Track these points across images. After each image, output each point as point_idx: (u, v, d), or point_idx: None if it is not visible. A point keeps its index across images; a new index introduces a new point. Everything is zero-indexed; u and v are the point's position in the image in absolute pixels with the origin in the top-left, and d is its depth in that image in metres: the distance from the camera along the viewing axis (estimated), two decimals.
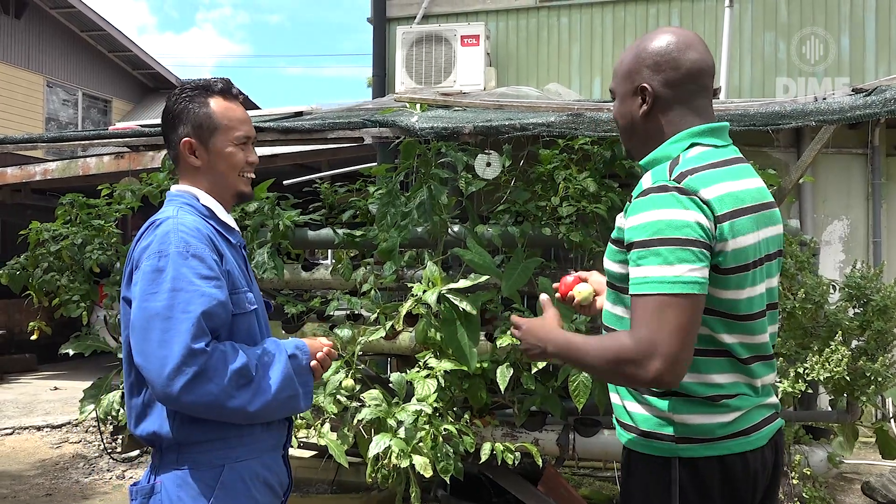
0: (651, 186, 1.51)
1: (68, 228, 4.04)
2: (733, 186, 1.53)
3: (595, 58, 7.19)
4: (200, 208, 1.76)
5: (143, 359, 1.57)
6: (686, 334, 1.43)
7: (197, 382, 1.53)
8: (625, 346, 1.46)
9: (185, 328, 1.54)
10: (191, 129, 1.76)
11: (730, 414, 1.54)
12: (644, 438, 1.60)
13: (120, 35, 15.32)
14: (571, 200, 3.63)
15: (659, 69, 1.60)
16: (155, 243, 1.63)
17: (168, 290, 1.56)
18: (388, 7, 7.44)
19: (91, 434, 6.41)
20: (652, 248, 1.45)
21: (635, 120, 1.65)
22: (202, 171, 1.78)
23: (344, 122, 3.35)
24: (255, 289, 1.85)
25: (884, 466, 5.06)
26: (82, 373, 9.09)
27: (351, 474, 4.20)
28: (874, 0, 6.68)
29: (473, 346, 3.27)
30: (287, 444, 1.86)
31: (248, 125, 1.83)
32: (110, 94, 15.97)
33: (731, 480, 1.54)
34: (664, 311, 1.42)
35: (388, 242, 3.57)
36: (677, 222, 1.45)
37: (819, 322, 3.09)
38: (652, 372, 1.42)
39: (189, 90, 1.79)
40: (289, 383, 1.68)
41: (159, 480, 1.66)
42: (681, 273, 1.43)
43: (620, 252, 1.58)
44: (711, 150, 1.59)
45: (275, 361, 1.68)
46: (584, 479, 5.08)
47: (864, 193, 6.79)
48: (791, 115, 2.75)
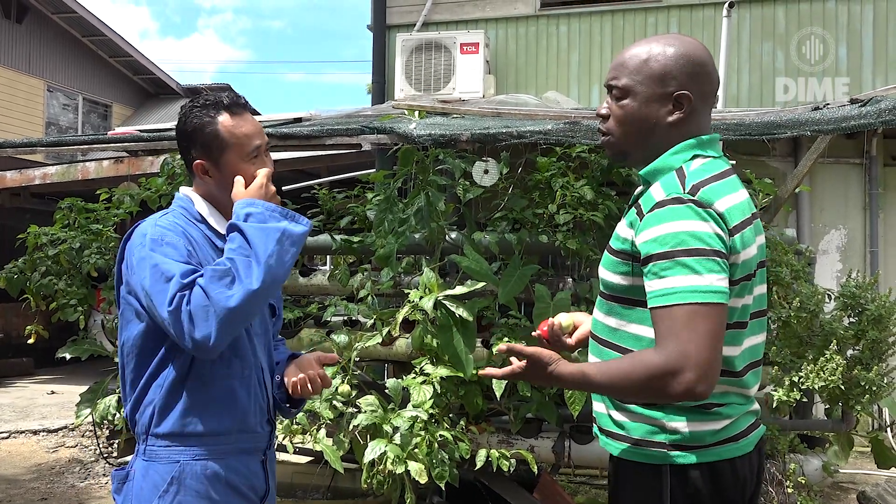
0: (666, 199, 1.49)
1: (66, 232, 4.05)
2: (736, 198, 1.54)
3: (594, 66, 7.22)
4: (194, 213, 1.81)
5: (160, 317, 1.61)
6: (717, 343, 1.43)
7: (194, 312, 1.57)
8: (654, 362, 1.43)
9: (174, 273, 1.61)
10: (201, 150, 1.80)
11: (721, 421, 1.55)
12: (634, 447, 1.59)
13: (121, 40, 15.37)
14: (568, 208, 3.64)
15: (698, 80, 1.57)
16: (136, 238, 1.72)
17: (150, 265, 1.64)
18: (388, 14, 7.47)
19: (87, 438, 6.40)
20: (676, 259, 1.43)
21: (659, 125, 1.59)
22: (215, 186, 1.82)
23: (342, 128, 3.36)
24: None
25: (879, 476, 5.06)
26: (79, 377, 9.07)
27: (347, 480, 4.20)
28: (871, 9, 6.71)
29: (470, 353, 3.27)
30: (268, 450, 1.86)
31: (259, 135, 1.84)
32: (111, 98, 16.01)
33: (721, 486, 1.55)
34: (695, 321, 1.41)
35: (385, 249, 3.58)
36: (699, 233, 1.44)
37: (814, 331, 3.10)
38: (685, 384, 1.40)
39: (197, 110, 1.81)
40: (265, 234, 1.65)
41: (133, 468, 1.73)
42: (710, 282, 1.42)
43: (624, 264, 1.56)
44: (711, 161, 1.58)
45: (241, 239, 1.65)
46: (580, 486, 5.07)
47: (861, 203, 6.80)
48: (787, 125, 2.77)
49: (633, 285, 1.56)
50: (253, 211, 1.70)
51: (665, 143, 1.60)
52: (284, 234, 1.68)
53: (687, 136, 1.59)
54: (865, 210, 6.78)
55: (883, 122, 2.62)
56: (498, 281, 3.47)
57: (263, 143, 1.84)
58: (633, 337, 1.58)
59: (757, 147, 6.18)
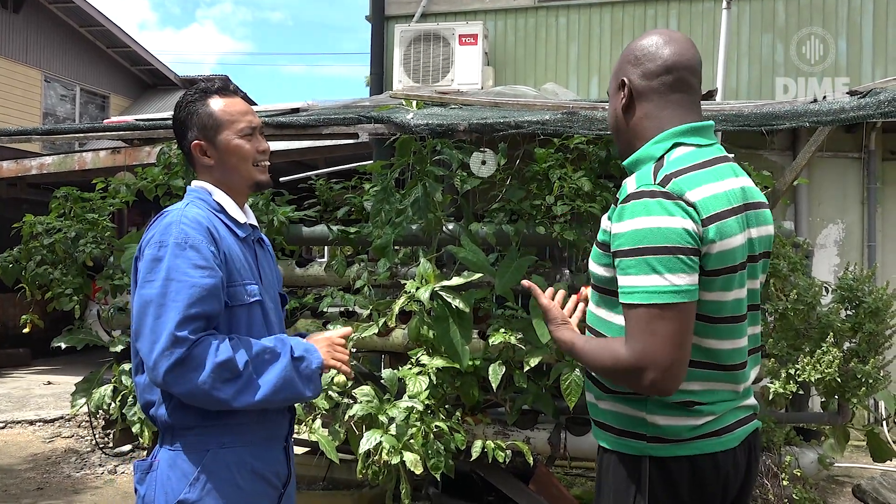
0: (634, 192, 1.49)
1: (62, 222, 4.03)
2: (719, 187, 1.51)
3: (593, 58, 7.20)
4: (212, 203, 1.84)
5: (139, 342, 1.66)
6: (678, 343, 1.44)
7: (180, 369, 1.60)
8: (621, 356, 1.48)
9: (172, 316, 1.62)
10: (198, 132, 1.85)
11: (701, 418, 1.54)
12: (617, 437, 1.61)
13: (119, 31, 15.30)
14: (566, 199, 3.63)
15: (638, 62, 1.62)
16: (157, 234, 1.72)
17: (163, 279, 1.65)
18: (387, 5, 7.44)
19: (83, 429, 6.40)
20: (638, 258, 1.44)
21: (618, 116, 1.67)
22: (216, 168, 1.86)
23: (339, 117, 3.34)
24: (267, 282, 1.91)
25: (874, 470, 5.07)
26: (76, 367, 9.06)
27: (342, 471, 4.20)
28: (871, 2, 6.69)
29: (466, 344, 3.26)
30: (289, 436, 1.90)
31: (251, 115, 1.89)
32: (108, 89, 15.96)
33: (700, 480, 1.55)
34: (655, 323, 1.43)
35: (382, 239, 3.57)
36: (663, 230, 1.43)
37: (811, 323, 3.09)
38: (648, 382, 1.45)
39: (190, 96, 1.88)
40: (286, 385, 1.72)
41: (157, 459, 1.76)
42: (669, 282, 1.42)
43: (606, 255, 1.57)
44: (695, 150, 1.56)
45: (275, 361, 1.72)
46: (576, 479, 5.07)
47: (859, 197, 6.80)
48: (785, 116, 2.75)
49: (614, 277, 1.55)
50: (306, 360, 1.77)
51: (632, 133, 1.64)
52: (296, 395, 1.76)
53: (652, 120, 1.60)
54: (863, 204, 6.78)
55: (882, 113, 2.61)
56: (495, 272, 3.46)
57: (258, 123, 1.92)
58: (618, 328, 1.58)
59: (755, 140, 6.17)
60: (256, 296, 1.80)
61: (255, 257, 1.89)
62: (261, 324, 1.82)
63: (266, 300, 1.85)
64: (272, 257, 2.04)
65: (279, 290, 2.03)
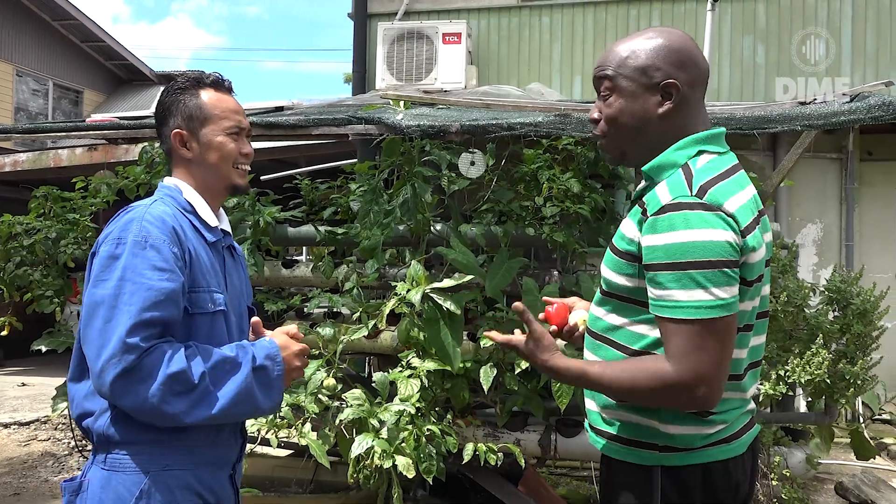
0: (671, 203, 1.44)
1: (42, 222, 3.94)
2: (744, 196, 1.49)
3: (576, 58, 7.21)
4: (182, 202, 1.72)
5: (85, 345, 1.53)
6: (727, 356, 1.43)
7: (127, 379, 1.47)
8: (667, 374, 1.42)
9: (125, 320, 1.48)
10: (181, 121, 1.74)
11: (714, 426, 1.54)
12: (626, 446, 1.58)
13: (93, 25, 15.05)
14: (555, 200, 3.62)
15: (684, 67, 1.52)
16: (116, 230, 1.59)
17: (117, 278, 1.52)
18: (370, 3, 7.40)
19: (60, 431, 6.29)
20: (680, 272, 1.40)
21: (650, 119, 1.54)
22: (194, 163, 1.75)
23: (329, 118, 3.30)
24: (233, 293, 1.77)
25: (855, 466, 5.14)
26: (51, 368, 8.91)
27: (329, 474, 4.16)
28: (850, 6, 6.77)
29: (457, 346, 3.25)
30: (237, 463, 1.77)
31: (241, 116, 1.79)
32: (82, 84, 15.69)
33: (713, 487, 1.54)
34: (703, 338, 1.40)
35: (371, 241, 3.54)
36: (707, 243, 1.39)
37: (800, 325, 3.12)
38: (697, 398, 1.42)
39: (180, 83, 1.77)
40: (245, 399, 1.57)
41: (87, 478, 1.59)
42: (715, 297, 1.40)
43: (630, 265, 1.52)
44: (717, 157, 1.53)
45: (235, 372, 1.57)
46: (560, 478, 5.08)
47: (837, 197, 6.89)
48: (777, 119, 2.77)
49: (639, 287, 1.52)
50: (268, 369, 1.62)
51: (661, 138, 1.55)
52: (254, 409, 1.60)
53: (683, 128, 1.54)
54: (842, 204, 6.87)
55: (873, 117, 2.63)
56: (484, 274, 3.44)
57: (246, 125, 1.80)
58: (634, 336, 1.55)
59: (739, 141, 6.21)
60: (221, 305, 1.67)
61: (223, 265, 1.76)
62: (223, 334, 1.67)
63: (230, 312, 1.71)
64: (244, 269, 1.90)
65: (248, 304, 1.88)
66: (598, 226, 3.71)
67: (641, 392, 1.47)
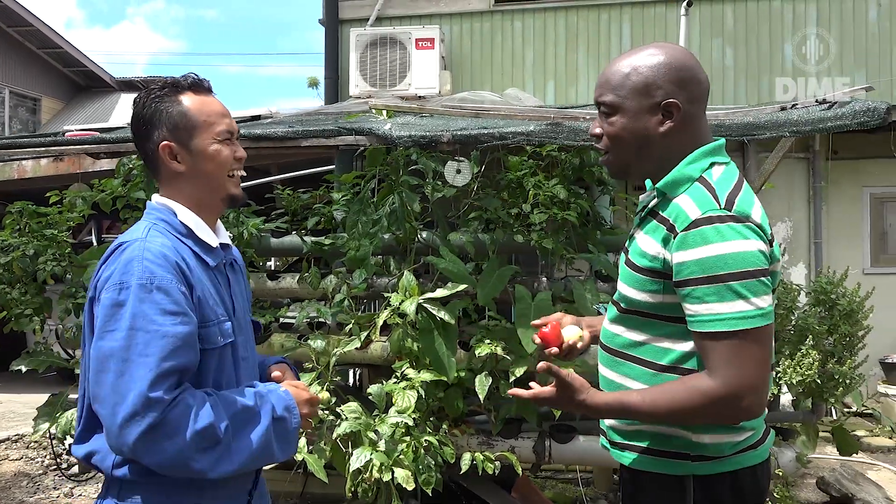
0: (703, 217, 1.46)
1: (18, 238, 3.83)
2: (760, 205, 1.54)
3: (548, 62, 7.26)
4: (177, 225, 1.58)
5: (98, 403, 1.42)
6: (768, 365, 1.45)
7: (152, 436, 1.38)
8: (711, 389, 1.43)
9: (142, 373, 1.38)
10: (167, 132, 1.58)
11: (743, 433, 1.57)
12: (657, 458, 1.59)
13: (50, 31, 14.74)
14: (542, 207, 3.64)
15: (684, 85, 1.54)
16: (116, 273, 1.46)
17: (126, 328, 1.41)
18: (341, 9, 7.35)
19: (33, 450, 6.12)
20: (718, 285, 1.42)
21: (651, 137, 1.56)
22: (186, 177, 1.60)
23: (318, 129, 3.27)
24: (240, 312, 1.70)
25: (831, 460, 5.26)
26: (19, 385, 8.65)
27: (319, 486, 4.12)
28: (815, 12, 6.93)
29: (452, 356, 3.25)
30: (253, 490, 1.68)
31: (229, 118, 1.65)
32: (39, 92, 15.34)
33: (742, 493, 1.57)
34: (747, 348, 1.42)
35: (360, 251, 3.51)
36: (743, 254, 1.42)
37: (788, 326, 3.18)
38: (745, 409, 1.43)
39: (157, 90, 1.61)
40: (264, 450, 1.51)
41: None
42: (757, 306, 1.42)
43: (654, 282, 1.53)
44: (726, 168, 1.57)
45: (256, 424, 1.51)
46: (546, 481, 5.11)
47: (805, 196, 7.05)
48: (766, 126, 2.82)
49: (664, 303, 1.53)
50: (287, 421, 1.56)
51: (664, 154, 1.57)
52: (270, 459, 1.55)
53: (685, 144, 1.56)
54: (810, 203, 7.03)
55: (858, 122, 2.70)
56: (475, 282, 3.44)
57: (235, 129, 1.66)
58: (660, 351, 1.56)
59: None
60: (230, 336, 1.59)
61: (227, 286, 1.66)
62: (230, 367, 1.60)
63: (237, 335, 1.64)
64: (244, 277, 1.80)
65: (251, 317, 1.81)
66: (584, 231, 3.74)
67: (684, 412, 1.47)
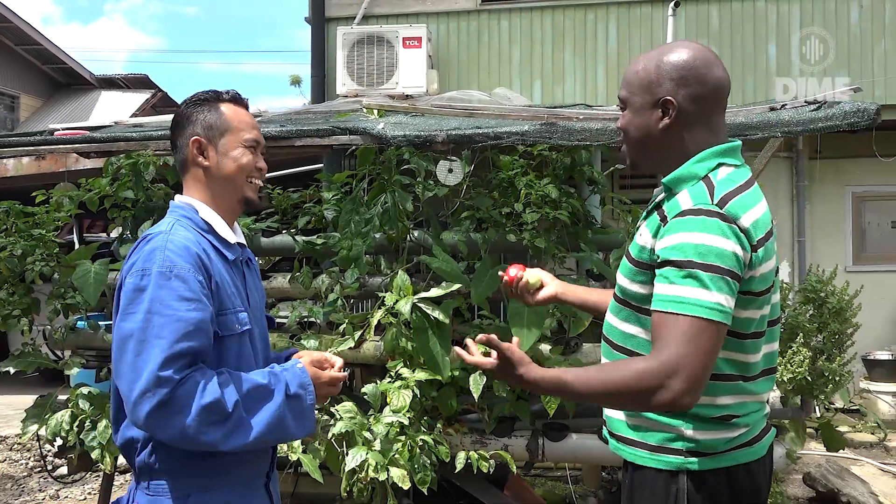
0: (693, 208, 1.51)
1: (5, 238, 3.78)
2: (761, 209, 1.56)
3: (535, 61, 7.28)
4: (199, 222, 1.72)
5: (118, 378, 1.57)
6: (711, 360, 1.46)
7: (162, 411, 1.50)
8: (647, 368, 1.46)
9: (156, 353, 1.51)
10: (200, 129, 1.76)
11: (737, 430, 1.59)
12: (652, 453, 1.62)
13: (28, 27, 14.53)
14: (534, 206, 3.65)
15: (685, 83, 1.58)
16: (140, 261, 1.61)
17: (145, 311, 1.54)
18: (327, 7, 7.32)
19: (17, 452, 6.05)
20: (692, 270, 1.46)
21: (652, 133, 1.62)
22: (209, 174, 1.75)
23: (312, 129, 3.26)
24: (255, 306, 1.81)
25: (815, 455, 5.33)
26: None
27: (310, 486, 4.11)
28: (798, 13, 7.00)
29: (446, 355, 3.25)
30: (271, 471, 1.82)
31: (258, 132, 1.82)
32: (18, 89, 15.13)
33: (737, 491, 1.59)
34: (698, 335, 1.44)
35: (354, 250, 3.51)
36: (719, 250, 1.46)
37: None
38: (673, 392, 1.43)
39: (200, 96, 1.81)
40: (278, 426, 1.60)
41: (135, 502, 1.66)
42: (718, 301, 1.44)
43: (642, 273, 1.58)
44: (735, 170, 1.59)
45: (268, 400, 1.60)
46: (535, 479, 5.13)
47: (789, 195, 7.14)
48: (757, 126, 2.85)
49: (651, 294, 1.55)
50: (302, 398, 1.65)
51: (666, 150, 1.62)
52: (287, 436, 1.65)
53: (692, 141, 1.60)
54: (793, 201, 7.12)
55: (849, 123, 2.74)
56: (469, 281, 3.45)
57: (261, 142, 1.82)
58: (648, 345, 1.58)
59: None
60: (247, 324, 1.71)
61: (243, 280, 1.79)
62: (250, 354, 1.72)
63: (254, 327, 1.76)
64: (258, 276, 1.93)
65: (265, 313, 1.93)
66: (575, 230, 3.76)
67: (617, 390, 1.49)
